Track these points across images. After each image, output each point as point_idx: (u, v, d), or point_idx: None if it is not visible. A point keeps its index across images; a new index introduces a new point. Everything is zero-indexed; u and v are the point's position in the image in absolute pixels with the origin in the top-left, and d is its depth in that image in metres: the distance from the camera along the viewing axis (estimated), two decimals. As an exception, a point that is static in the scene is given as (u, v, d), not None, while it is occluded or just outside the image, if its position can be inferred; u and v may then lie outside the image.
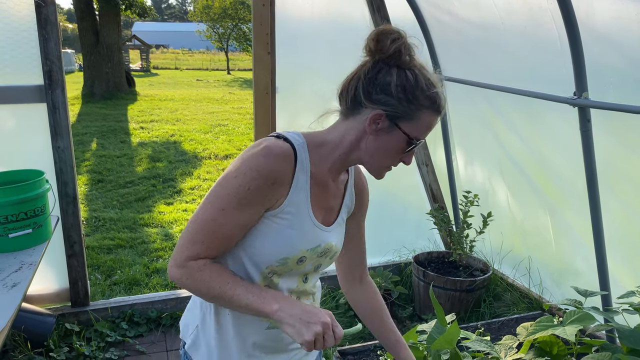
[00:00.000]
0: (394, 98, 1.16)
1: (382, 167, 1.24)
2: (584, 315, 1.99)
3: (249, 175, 1.13)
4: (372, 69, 1.18)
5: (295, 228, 1.21)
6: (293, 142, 1.20)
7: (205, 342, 1.30)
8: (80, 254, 3.08)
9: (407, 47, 1.17)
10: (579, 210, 2.72)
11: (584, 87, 2.33)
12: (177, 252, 1.17)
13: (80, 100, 14.79)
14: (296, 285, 1.31)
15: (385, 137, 1.19)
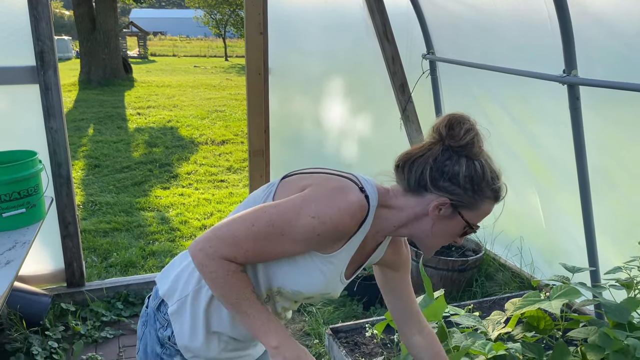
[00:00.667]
0: (460, 188, 1.18)
1: (435, 246, 1.29)
2: (570, 290, 2.02)
3: (327, 226, 1.13)
4: (441, 156, 1.18)
5: (326, 277, 1.25)
6: (370, 203, 1.20)
7: (192, 315, 1.31)
8: (75, 234, 3.10)
9: (479, 139, 1.19)
10: (569, 189, 2.74)
11: (573, 65, 2.34)
12: (215, 241, 1.14)
13: (77, 86, 14.75)
14: (289, 305, 1.37)
15: (445, 222, 1.22)
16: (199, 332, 1.31)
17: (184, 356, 1.33)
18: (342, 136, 3.80)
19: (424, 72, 3.69)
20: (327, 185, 1.19)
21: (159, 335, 1.34)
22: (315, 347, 2.89)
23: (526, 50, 2.90)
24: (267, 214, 1.14)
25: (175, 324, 1.32)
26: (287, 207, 1.15)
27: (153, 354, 1.35)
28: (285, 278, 1.25)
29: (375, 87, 3.76)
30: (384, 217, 1.25)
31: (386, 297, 1.55)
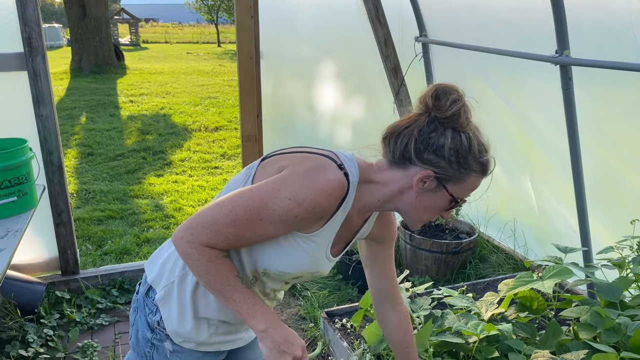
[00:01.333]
0: (445, 160, 1.15)
1: (421, 220, 1.26)
2: (562, 270, 2.03)
3: (304, 207, 1.12)
4: (427, 127, 1.16)
5: (311, 255, 1.25)
6: (350, 181, 1.18)
7: (180, 301, 1.31)
8: (68, 222, 3.09)
9: (466, 110, 1.16)
10: (561, 170, 2.75)
11: (565, 45, 2.33)
12: (195, 228, 1.13)
13: (68, 74, 14.62)
14: (279, 286, 1.36)
15: (429, 196, 1.20)
16: (187, 318, 1.31)
17: (174, 341, 1.33)
18: (335, 120, 3.79)
19: (417, 55, 3.67)
20: (304, 165, 1.17)
21: (149, 320, 1.34)
22: (311, 330, 2.90)
23: (519, 31, 2.88)
24: (244, 199, 1.13)
25: (163, 310, 1.32)
26: (263, 190, 1.13)
27: (144, 339, 1.36)
28: (270, 259, 1.24)
29: (368, 70, 3.74)
30: (368, 192, 1.23)
31: (367, 270, 1.54)
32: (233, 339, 1.43)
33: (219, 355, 1.44)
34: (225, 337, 1.40)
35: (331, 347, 2.66)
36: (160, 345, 1.34)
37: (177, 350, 1.34)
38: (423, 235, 3.45)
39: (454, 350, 1.98)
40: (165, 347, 1.34)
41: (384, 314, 1.57)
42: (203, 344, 1.35)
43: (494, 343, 1.92)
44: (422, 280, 3.33)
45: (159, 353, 1.35)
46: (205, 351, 1.38)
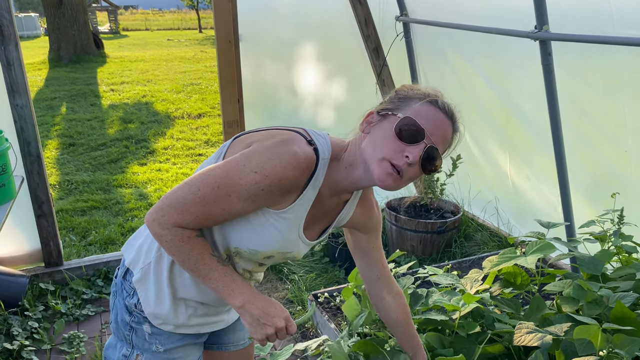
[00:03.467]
0: (387, 102, 1.19)
1: (380, 158, 1.13)
2: (545, 245, 2.05)
3: (269, 180, 1.10)
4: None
5: (282, 234, 1.23)
6: (320, 154, 1.17)
7: (156, 282, 1.30)
8: (50, 213, 3.05)
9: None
10: (542, 147, 2.76)
11: (544, 20, 2.32)
12: (166, 210, 1.12)
13: (47, 64, 14.35)
14: (251, 267, 1.35)
15: (377, 127, 1.18)
16: (164, 299, 1.30)
17: (152, 323, 1.32)
18: (317, 103, 3.77)
19: (398, 35, 3.64)
20: (271, 139, 1.16)
21: (127, 303, 1.34)
22: (299, 313, 2.91)
23: (500, 8, 2.87)
24: (211, 177, 1.12)
25: (140, 292, 1.31)
26: (229, 166, 1.13)
27: (123, 323, 1.35)
28: (241, 237, 1.23)
29: (350, 51, 3.71)
30: (339, 169, 1.22)
31: (357, 260, 1.55)
32: (213, 321, 1.43)
33: (200, 337, 1.44)
34: (205, 319, 1.39)
35: (319, 330, 2.67)
36: (139, 328, 1.34)
37: (155, 332, 1.34)
38: (408, 216, 3.46)
39: (440, 327, 1.99)
40: (144, 330, 1.33)
41: (382, 301, 1.57)
42: (182, 326, 1.34)
43: (479, 319, 1.94)
44: (408, 260, 3.35)
45: (137, 336, 1.34)
46: (184, 333, 1.37)
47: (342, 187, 1.26)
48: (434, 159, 1.15)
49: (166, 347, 1.35)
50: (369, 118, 1.20)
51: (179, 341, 1.36)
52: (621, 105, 2.42)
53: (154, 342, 1.34)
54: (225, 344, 1.56)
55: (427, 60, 3.69)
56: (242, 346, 1.59)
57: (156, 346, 1.35)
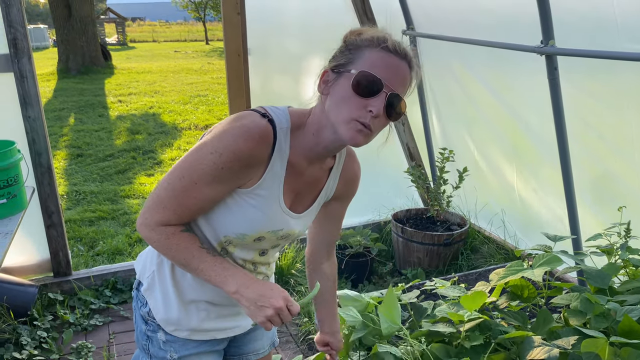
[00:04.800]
0: (337, 55, 1.18)
1: (345, 119, 1.12)
2: (552, 258, 2.05)
3: (225, 156, 1.11)
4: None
5: (262, 211, 1.22)
6: (276, 124, 1.17)
7: (161, 288, 1.33)
8: (59, 224, 3.08)
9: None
10: (549, 160, 2.77)
11: (550, 35, 2.35)
12: (147, 211, 1.17)
13: (56, 75, 14.49)
14: (252, 257, 1.34)
15: (336, 87, 1.15)
16: (172, 303, 1.32)
17: (166, 330, 1.34)
18: (324, 115, 3.79)
19: (405, 49, 3.67)
20: (225, 121, 1.18)
21: (141, 313, 1.36)
22: (305, 325, 2.91)
23: (505, 22, 2.90)
24: (177, 169, 1.16)
25: (150, 300, 1.34)
26: (189, 154, 1.16)
27: (141, 333, 1.38)
28: (225, 224, 1.23)
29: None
30: (306, 135, 1.22)
31: (317, 225, 1.52)
32: (228, 326, 1.42)
33: (217, 345, 1.43)
34: (219, 323, 1.39)
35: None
36: (154, 336, 1.35)
37: (170, 339, 1.35)
38: (415, 228, 3.47)
39: (446, 340, 1.99)
40: (158, 337, 1.35)
41: (320, 266, 1.57)
42: (196, 330, 1.35)
43: (486, 331, 1.94)
44: (415, 273, 3.35)
45: (153, 344, 1.36)
46: (200, 340, 1.37)
47: (316, 153, 1.24)
48: (397, 104, 1.14)
49: (180, 354, 1.35)
50: (325, 77, 1.18)
51: (194, 348, 1.37)
52: (628, 119, 2.43)
53: (168, 350, 1.35)
54: (246, 354, 1.56)
55: (433, 73, 3.72)
56: (263, 354, 1.60)
57: (170, 354, 1.35)
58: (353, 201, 2.07)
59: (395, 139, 3.94)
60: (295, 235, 1.34)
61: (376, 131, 1.16)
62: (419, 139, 3.92)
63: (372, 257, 3.46)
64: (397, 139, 3.93)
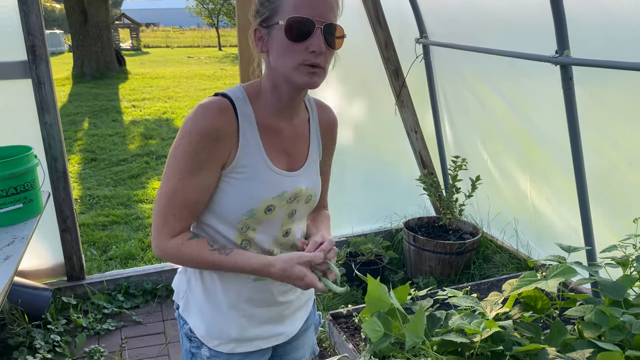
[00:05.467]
0: (259, 9, 1.17)
1: (293, 66, 1.13)
2: (566, 269, 2.04)
3: (192, 139, 1.13)
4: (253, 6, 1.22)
5: (254, 180, 1.21)
6: (231, 95, 1.19)
7: (195, 304, 1.33)
8: (74, 228, 3.11)
9: None
10: (563, 170, 2.75)
11: (565, 45, 2.34)
12: (154, 231, 1.20)
13: (71, 80, 14.67)
14: (274, 239, 1.30)
15: (272, 42, 1.16)
16: (210, 316, 1.31)
17: (209, 346, 1.32)
18: (337, 123, 3.80)
19: (418, 57, 3.68)
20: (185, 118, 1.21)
21: (184, 331, 1.36)
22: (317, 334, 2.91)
23: (519, 30, 2.89)
24: (163, 178, 1.19)
25: (189, 319, 1.34)
26: (168, 160, 1.19)
27: (186, 351, 1.38)
28: (229, 209, 1.22)
29: (369, 72, 3.75)
30: (266, 96, 1.23)
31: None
32: (272, 334, 1.38)
33: (260, 357, 1.40)
34: (262, 330, 1.36)
35: (337, 350, 2.67)
36: (198, 353, 1.34)
37: (214, 355, 1.33)
38: (427, 236, 3.46)
39: (459, 350, 1.98)
40: (202, 354, 1.33)
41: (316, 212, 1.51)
42: (239, 340, 1.33)
43: (499, 343, 1.93)
44: (427, 281, 3.34)
45: None
46: (244, 352, 1.34)
47: (283, 108, 1.25)
48: (334, 31, 1.15)
49: None
50: (257, 35, 1.19)
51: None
52: (643, 129, 2.42)
53: None
54: None
55: (446, 82, 3.72)
56: None
57: None
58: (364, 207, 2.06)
59: (407, 146, 3.93)
60: (305, 194, 1.31)
61: (326, 65, 1.18)
62: (431, 146, 3.92)
63: (384, 265, 3.45)
64: (409, 147, 3.93)
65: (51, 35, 26.13)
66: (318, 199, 1.38)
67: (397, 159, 4.02)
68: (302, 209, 1.33)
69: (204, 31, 45.47)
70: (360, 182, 3.85)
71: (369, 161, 3.87)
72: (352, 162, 3.77)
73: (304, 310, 1.48)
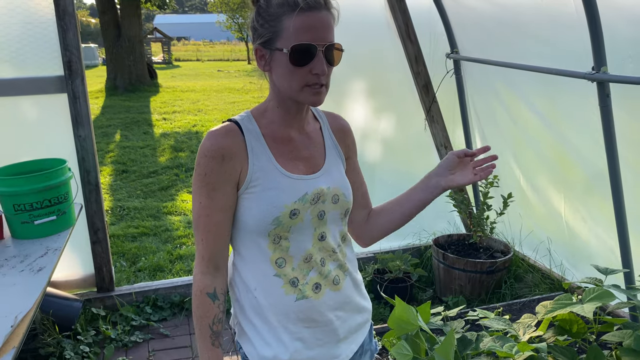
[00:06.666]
0: (258, 29, 1.19)
1: (298, 89, 1.18)
2: (603, 293, 1.97)
3: (202, 162, 1.20)
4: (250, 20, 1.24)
5: (271, 188, 1.22)
6: (237, 118, 1.25)
7: (249, 329, 1.31)
8: (104, 240, 3.15)
9: None
10: (599, 188, 2.68)
11: (602, 62, 2.29)
12: (195, 258, 1.28)
13: (104, 93, 15.03)
14: (311, 244, 1.28)
15: (275, 65, 1.19)
16: (263, 339, 1.29)
17: None
18: (365, 137, 3.78)
19: (448, 72, 3.65)
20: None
21: (241, 355, 1.35)
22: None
23: (552, 46, 2.84)
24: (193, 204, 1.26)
25: (244, 345, 1.33)
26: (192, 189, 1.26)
27: None
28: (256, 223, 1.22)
29: (399, 87, 3.73)
30: (273, 111, 1.27)
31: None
32: (327, 356, 1.33)
33: None
34: (318, 352, 1.31)
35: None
36: None
37: None
38: (457, 254, 3.40)
39: (491, 374, 1.93)
40: None
41: (372, 213, 1.49)
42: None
43: (533, 368, 1.87)
44: (456, 301, 3.28)
45: None
46: None
47: (293, 119, 1.28)
48: (334, 51, 1.17)
49: None
50: (259, 54, 1.22)
51: None
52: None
53: None
54: None
55: (477, 97, 3.67)
56: None
57: None
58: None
59: (437, 162, 3.88)
60: (328, 193, 1.29)
61: (328, 81, 1.21)
62: (461, 162, 3.86)
63: (412, 282, 3.40)
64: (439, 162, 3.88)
65: (86, 49, 26.88)
66: (350, 199, 1.35)
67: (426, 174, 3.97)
68: (331, 209, 1.30)
69: (234, 45, 46.18)
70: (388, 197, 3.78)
71: (398, 176, 3.83)
72: (380, 177, 3.74)
73: (359, 333, 1.42)
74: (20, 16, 2.75)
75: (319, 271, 1.29)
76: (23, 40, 2.79)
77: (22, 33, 2.78)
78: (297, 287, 1.26)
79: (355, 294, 1.37)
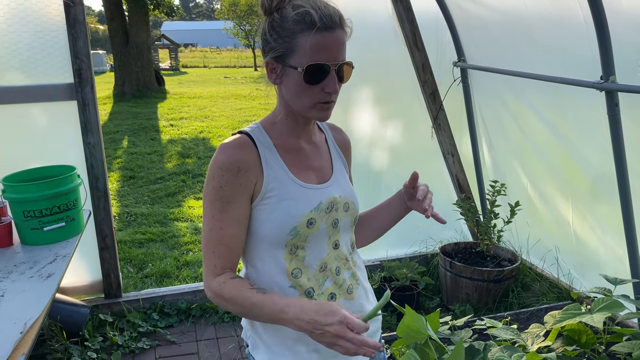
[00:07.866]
0: (271, 42, 1.18)
1: (309, 106, 1.19)
2: (613, 303, 1.96)
3: (216, 175, 1.19)
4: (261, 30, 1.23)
5: (287, 198, 1.23)
6: (247, 130, 1.25)
7: (262, 341, 1.31)
8: (112, 247, 3.17)
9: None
10: (607, 197, 2.67)
11: (611, 71, 2.28)
12: (203, 272, 1.24)
13: (111, 99, 15.12)
14: (327, 252, 1.29)
15: (287, 80, 1.19)
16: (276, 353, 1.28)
17: None
18: (372, 144, 3.79)
19: (455, 80, 3.65)
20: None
21: None
22: (349, 358, 2.87)
23: (560, 54, 2.84)
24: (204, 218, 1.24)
25: (257, 356, 1.32)
26: (202, 201, 1.24)
27: None
28: (273, 234, 1.22)
29: (406, 95, 3.74)
30: (278, 123, 1.28)
31: None
32: None
33: None
34: None
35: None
36: None
37: None
38: (464, 263, 3.39)
39: (499, 384, 1.91)
40: None
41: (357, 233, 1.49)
42: None
43: (541, 378, 1.86)
44: (463, 309, 3.26)
45: None
46: None
47: (301, 129, 1.30)
48: (344, 69, 1.18)
49: None
50: (270, 66, 1.22)
51: None
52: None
53: None
54: None
55: (485, 105, 3.67)
56: None
57: None
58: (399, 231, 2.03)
59: (444, 170, 3.89)
60: (340, 201, 1.31)
61: (336, 97, 1.22)
62: (468, 170, 3.86)
63: (419, 290, 3.39)
64: (446, 170, 3.88)
65: (94, 55, 26.93)
66: (358, 207, 1.38)
67: (433, 182, 3.94)
68: (343, 217, 1.33)
69: (241, 52, 46.39)
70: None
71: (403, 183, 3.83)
72: (386, 184, 3.75)
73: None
74: (31, 24, 2.78)
75: (334, 280, 1.30)
76: (34, 48, 2.81)
77: (33, 41, 2.80)
78: (313, 297, 1.26)
79: (366, 303, 1.38)
